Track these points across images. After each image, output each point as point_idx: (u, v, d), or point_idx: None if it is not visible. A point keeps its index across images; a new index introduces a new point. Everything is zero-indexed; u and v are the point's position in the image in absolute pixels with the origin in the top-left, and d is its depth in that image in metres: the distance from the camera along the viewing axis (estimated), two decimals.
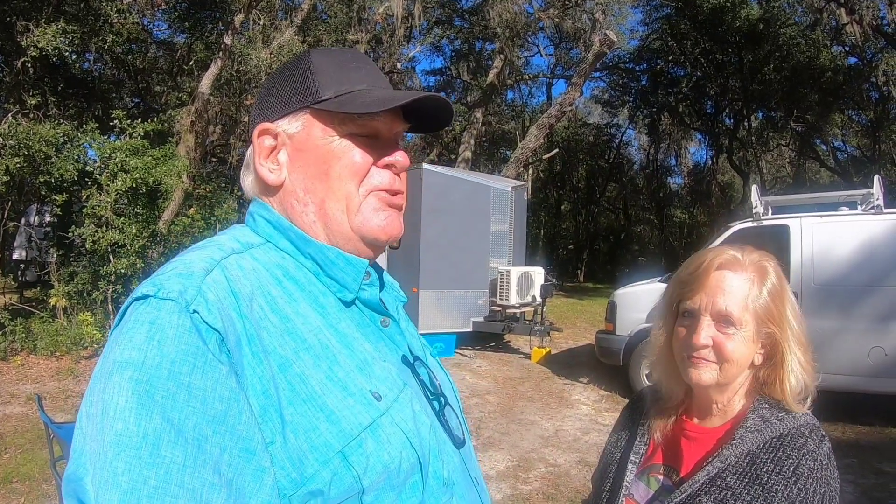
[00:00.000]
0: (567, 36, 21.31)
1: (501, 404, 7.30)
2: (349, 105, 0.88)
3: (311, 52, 0.94)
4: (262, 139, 0.92)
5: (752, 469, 1.15)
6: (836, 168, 24.94)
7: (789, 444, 1.16)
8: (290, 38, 13.43)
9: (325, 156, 0.90)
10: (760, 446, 1.17)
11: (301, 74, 0.92)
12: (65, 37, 9.63)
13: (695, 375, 1.23)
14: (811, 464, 1.13)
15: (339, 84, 0.91)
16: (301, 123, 0.91)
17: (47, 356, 8.19)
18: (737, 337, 1.21)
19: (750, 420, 1.21)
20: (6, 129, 8.67)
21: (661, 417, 1.36)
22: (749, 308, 1.21)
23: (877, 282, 6.28)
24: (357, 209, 0.91)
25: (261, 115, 0.94)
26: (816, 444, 1.17)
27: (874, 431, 6.30)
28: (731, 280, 1.22)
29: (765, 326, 1.22)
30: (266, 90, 0.96)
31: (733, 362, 1.21)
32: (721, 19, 19.79)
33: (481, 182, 10.70)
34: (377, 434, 0.78)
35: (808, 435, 1.18)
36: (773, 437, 1.18)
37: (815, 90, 20.91)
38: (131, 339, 0.69)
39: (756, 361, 1.24)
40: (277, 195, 0.93)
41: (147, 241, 8.88)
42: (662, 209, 32.73)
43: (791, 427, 1.19)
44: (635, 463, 1.35)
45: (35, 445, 5.43)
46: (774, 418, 1.21)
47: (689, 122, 28.56)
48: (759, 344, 1.23)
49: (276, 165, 0.92)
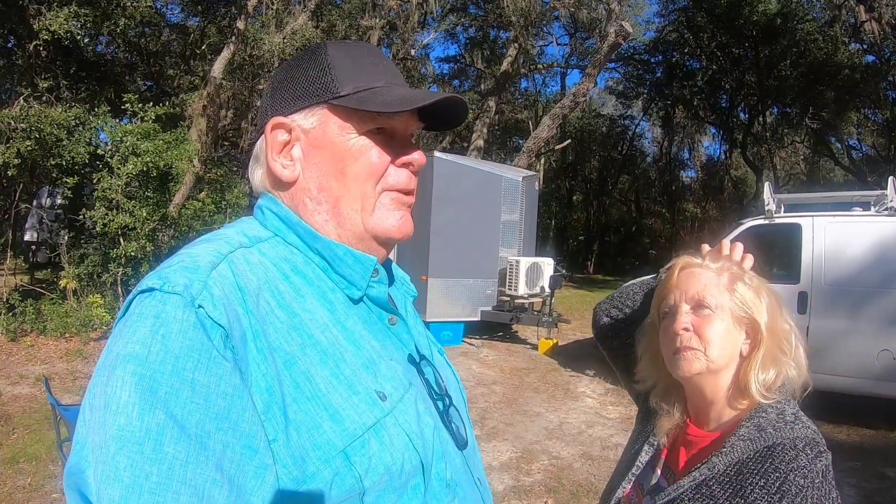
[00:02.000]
0: (582, 26, 21.15)
1: (507, 395, 7.31)
2: (370, 103, 0.87)
3: (327, 46, 0.92)
4: (275, 133, 0.90)
5: (738, 480, 1.09)
6: (850, 167, 24.70)
7: (778, 457, 1.08)
8: (303, 23, 13.43)
9: (341, 153, 0.89)
10: (751, 456, 1.10)
11: (318, 68, 0.90)
12: (77, 20, 9.64)
13: (685, 366, 1.21)
14: (801, 481, 1.04)
15: (358, 80, 0.89)
16: (317, 119, 0.89)
17: (56, 337, 8.26)
18: (714, 318, 1.21)
19: (744, 428, 1.14)
20: (18, 112, 8.72)
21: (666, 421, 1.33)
22: (722, 290, 1.22)
23: (887, 284, 6.22)
24: (372, 209, 0.90)
25: (273, 107, 0.92)
26: (809, 459, 1.07)
27: (879, 435, 6.25)
28: (698, 273, 1.26)
29: (742, 311, 1.21)
30: (279, 82, 0.94)
31: (716, 344, 1.20)
32: (738, 13, 19.60)
33: (493, 171, 10.67)
34: (381, 435, 0.77)
35: (800, 448, 1.08)
36: (764, 446, 1.10)
37: (831, 87, 20.70)
38: (135, 332, 0.69)
39: (743, 351, 1.22)
40: (289, 191, 0.92)
41: (157, 224, 8.93)
42: (674, 203, 32.57)
43: (784, 438, 1.10)
44: (649, 453, 1.34)
45: (42, 426, 5.49)
46: (771, 427, 1.13)
47: (703, 115, 28.34)
48: (742, 331, 1.22)
49: (289, 161, 0.90)
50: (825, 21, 19.88)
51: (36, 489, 4.41)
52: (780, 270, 7.56)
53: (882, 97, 21.18)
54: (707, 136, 32.07)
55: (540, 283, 9.98)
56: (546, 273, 10.05)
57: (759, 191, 14.49)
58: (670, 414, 1.32)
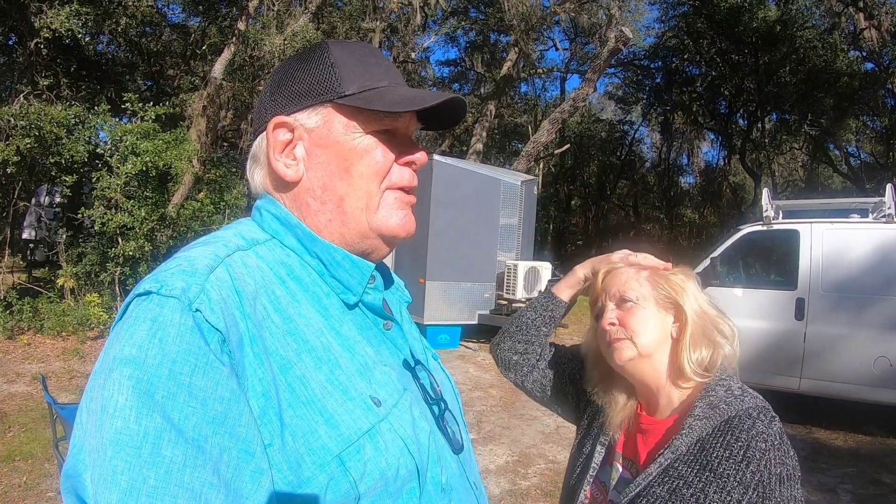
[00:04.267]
0: (583, 31, 21.25)
1: (504, 398, 7.31)
2: (377, 102, 0.87)
3: (330, 44, 0.92)
4: (277, 132, 0.89)
5: (703, 456, 1.14)
6: (848, 174, 24.75)
7: (737, 427, 1.14)
8: (304, 24, 13.41)
9: (346, 153, 0.88)
10: (710, 433, 1.16)
11: (322, 67, 0.89)
12: (78, 18, 9.64)
13: (616, 356, 1.28)
14: (762, 445, 1.11)
15: (363, 79, 0.89)
16: (321, 118, 0.89)
17: (53, 336, 8.25)
18: (637, 309, 1.29)
19: (698, 409, 1.20)
20: (18, 109, 8.72)
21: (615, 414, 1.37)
22: (643, 282, 1.31)
23: (885, 291, 6.23)
24: (376, 207, 0.90)
25: (274, 106, 0.91)
26: (766, 424, 1.14)
27: (875, 441, 6.26)
28: (618, 272, 1.36)
29: (664, 295, 1.29)
30: (280, 81, 0.93)
31: (641, 332, 1.27)
32: (738, 20, 19.62)
33: (492, 175, 10.68)
34: (375, 440, 0.77)
35: (755, 416, 1.15)
36: (721, 421, 1.16)
37: (830, 94, 20.73)
38: (132, 335, 0.68)
39: (673, 333, 1.29)
40: (291, 192, 0.91)
41: (156, 224, 8.93)
42: (673, 208, 32.60)
43: (739, 410, 1.17)
44: (601, 454, 1.37)
45: (39, 425, 5.48)
46: (722, 403, 1.19)
47: (702, 121, 28.38)
48: (670, 315, 1.29)
49: (292, 160, 0.90)
50: (825, 28, 19.93)
51: (31, 488, 4.41)
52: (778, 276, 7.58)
53: (881, 104, 21.21)
54: (706, 142, 32.10)
55: (538, 288, 9.96)
56: (544, 277, 10.04)
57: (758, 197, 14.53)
58: (618, 404, 1.36)
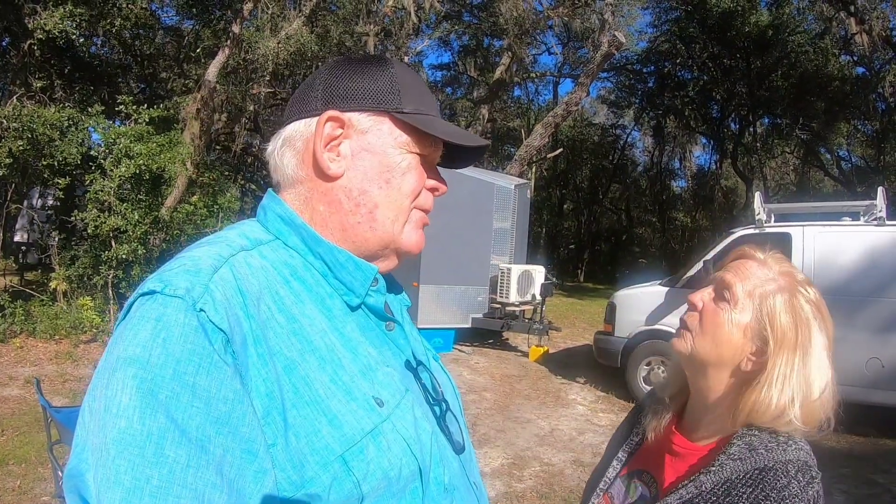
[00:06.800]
0: (576, 35, 21.30)
1: (498, 401, 7.30)
2: (432, 127, 0.91)
3: (392, 60, 0.96)
4: (328, 125, 0.89)
5: (727, 501, 1.04)
6: (839, 177, 24.89)
7: (770, 483, 1.02)
8: (298, 28, 13.42)
9: (389, 165, 0.91)
10: (740, 477, 1.05)
11: (387, 78, 0.92)
12: (72, 20, 9.62)
13: (675, 343, 1.20)
14: None
15: (417, 103, 0.93)
16: (374, 124, 0.91)
17: (46, 339, 8.20)
18: (725, 313, 1.14)
19: (735, 447, 1.09)
20: (11, 111, 8.69)
21: (655, 418, 1.28)
22: (754, 295, 1.13)
23: (876, 293, 6.29)
24: (404, 223, 0.94)
25: (326, 100, 0.91)
26: (801, 486, 1.02)
27: (868, 442, 6.31)
28: (749, 265, 1.18)
29: (765, 329, 1.10)
30: (336, 77, 0.93)
31: (710, 337, 1.15)
32: (730, 24, 19.76)
33: (485, 179, 10.66)
34: (378, 440, 0.78)
35: (792, 475, 1.03)
36: (754, 468, 1.05)
37: (821, 99, 20.88)
38: (136, 335, 0.68)
39: (744, 366, 1.13)
40: (321, 186, 0.91)
41: (149, 227, 8.89)
42: (665, 212, 32.70)
43: (777, 461, 1.05)
44: (621, 461, 1.32)
45: (32, 428, 5.45)
46: (762, 447, 1.07)
47: (694, 125, 28.55)
48: (752, 345, 1.12)
49: (337, 155, 0.91)
50: (816, 33, 20.08)
51: (25, 492, 4.38)
52: None
53: (872, 108, 21.36)
54: (698, 146, 32.30)
55: (531, 291, 9.98)
56: (537, 281, 10.05)
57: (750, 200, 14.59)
58: (661, 413, 1.27)
